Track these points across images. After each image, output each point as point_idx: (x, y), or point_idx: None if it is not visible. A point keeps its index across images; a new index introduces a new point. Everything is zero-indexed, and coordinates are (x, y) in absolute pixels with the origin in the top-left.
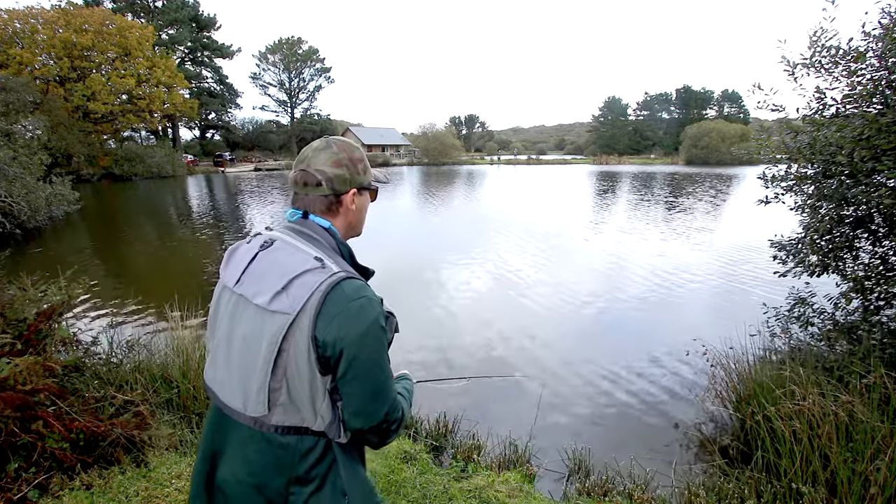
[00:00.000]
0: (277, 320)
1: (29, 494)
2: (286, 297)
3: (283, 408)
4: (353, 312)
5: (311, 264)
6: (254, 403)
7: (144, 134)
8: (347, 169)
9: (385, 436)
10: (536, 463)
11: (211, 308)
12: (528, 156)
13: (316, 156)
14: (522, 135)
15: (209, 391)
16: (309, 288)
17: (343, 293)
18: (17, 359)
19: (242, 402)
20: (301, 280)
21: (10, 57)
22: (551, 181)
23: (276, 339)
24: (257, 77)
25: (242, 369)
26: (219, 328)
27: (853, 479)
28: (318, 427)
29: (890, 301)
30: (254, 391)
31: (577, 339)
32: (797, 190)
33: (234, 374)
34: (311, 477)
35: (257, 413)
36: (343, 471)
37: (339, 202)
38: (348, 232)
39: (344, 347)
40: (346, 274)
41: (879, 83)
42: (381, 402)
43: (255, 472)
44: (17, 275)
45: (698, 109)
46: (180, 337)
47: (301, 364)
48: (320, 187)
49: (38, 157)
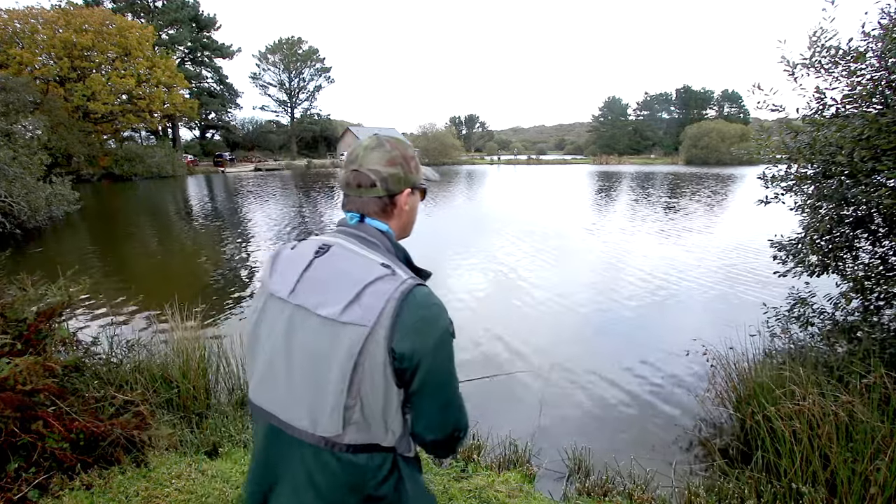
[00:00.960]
0: (352, 332)
1: (29, 494)
2: (359, 308)
3: (356, 426)
4: (429, 321)
5: (381, 271)
6: (326, 423)
7: (144, 134)
8: (402, 167)
9: (455, 445)
10: (536, 463)
11: (252, 318)
12: (527, 156)
13: (368, 155)
14: (522, 135)
15: (259, 412)
16: (383, 297)
17: (416, 301)
18: (17, 359)
19: (310, 421)
20: (373, 289)
21: (10, 57)
22: (551, 181)
23: (353, 352)
24: (257, 77)
25: (310, 386)
26: (269, 341)
27: (853, 479)
28: (389, 443)
29: (890, 301)
30: (327, 410)
31: (576, 338)
32: (797, 190)
33: (299, 392)
34: (380, 495)
35: (329, 433)
36: (409, 484)
37: (394, 203)
38: (401, 234)
39: (421, 358)
40: (416, 281)
41: (879, 83)
42: (452, 412)
43: (324, 495)
44: (17, 275)
45: (698, 109)
46: (180, 337)
47: (377, 378)
48: (374, 188)
49: (38, 157)
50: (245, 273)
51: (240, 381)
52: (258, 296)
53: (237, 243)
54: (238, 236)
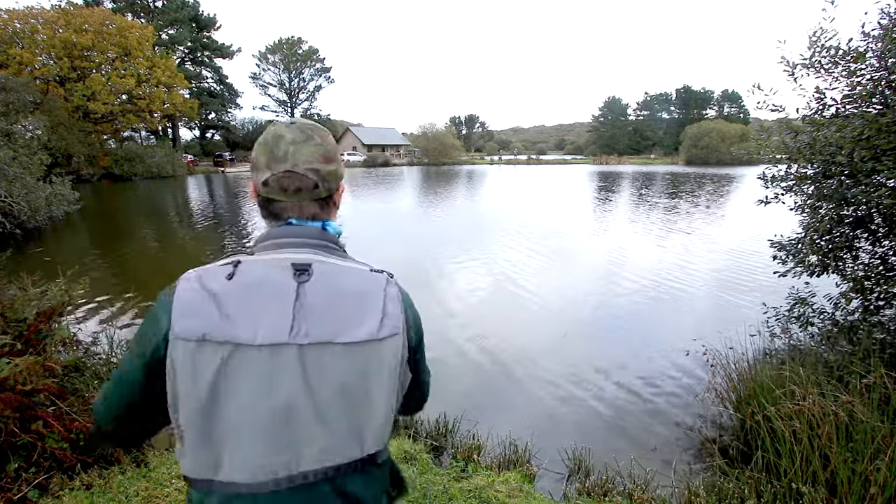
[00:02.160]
0: (391, 344)
1: (29, 494)
2: (388, 319)
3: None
4: (414, 307)
5: (379, 277)
6: (375, 439)
7: (144, 134)
8: (336, 163)
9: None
10: (536, 463)
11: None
12: (528, 156)
13: (299, 151)
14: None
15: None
16: (397, 301)
17: (405, 293)
18: (17, 359)
19: (359, 446)
20: (388, 296)
21: (10, 57)
22: (552, 181)
23: (396, 364)
24: (257, 77)
25: (349, 417)
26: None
27: (853, 479)
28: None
29: (890, 301)
30: (375, 427)
31: (577, 338)
32: (797, 190)
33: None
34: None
35: (378, 447)
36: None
37: (332, 200)
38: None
39: (420, 340)
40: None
41: (879, 83)
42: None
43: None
44: (17, 275)
45: (698, 109)
46: None
47: (406, 375)
48: (317, 189)
49: (38, 157)
50: None
51: None
52: (197, 349)
53: (237, 243)
54: (238, 236)
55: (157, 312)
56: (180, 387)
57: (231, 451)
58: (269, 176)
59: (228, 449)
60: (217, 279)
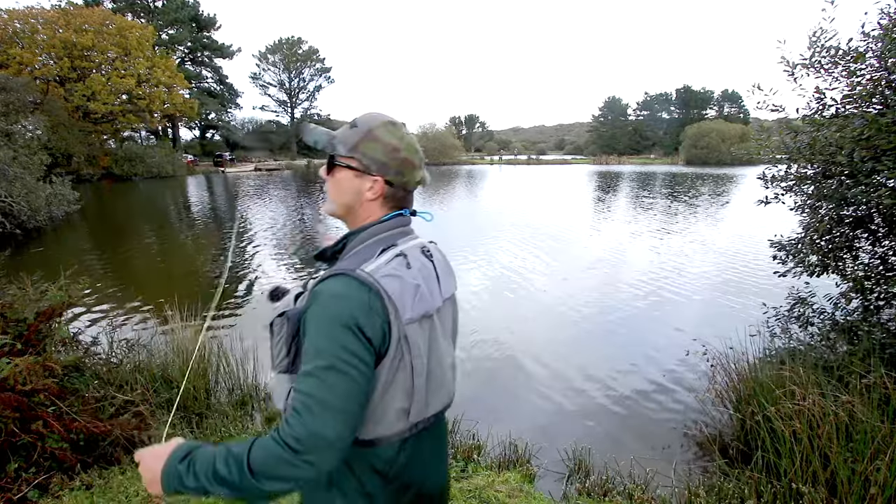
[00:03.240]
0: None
1: (29, 494)
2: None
3: None
4: None
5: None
6: (451, 388)
7: (144, 134)
8: None
9: None
10: (536, 463)
11: (418, 347)
12: (527, 156)
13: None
14: (522, 135)
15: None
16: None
17: None
18: (17, 359)
19: (449, 397)
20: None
21: (10, 57)
22: (552, 181)
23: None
24: (257, 77)
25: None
26: (437, 353)
27: (853, 479)
28: None
29: (890, 301)
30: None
31: (577, 338)
32: (797, 190)
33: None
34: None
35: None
36: None
37: None
38: None
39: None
40: None
41: (879, 83)
42: None
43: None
44: (17, 275)
45: (698, 109)
46: (180, 337)
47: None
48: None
49: (38, 157)
50: (245, 273)
51: (240, 381)
52: (412, 326)
53: (237, 244)
54: (238, 235)
55: (360, 309)
56: (416, 361)
57: (433, 396)
58: (422, 173)
59: (432, 395)
60: (403, 271)
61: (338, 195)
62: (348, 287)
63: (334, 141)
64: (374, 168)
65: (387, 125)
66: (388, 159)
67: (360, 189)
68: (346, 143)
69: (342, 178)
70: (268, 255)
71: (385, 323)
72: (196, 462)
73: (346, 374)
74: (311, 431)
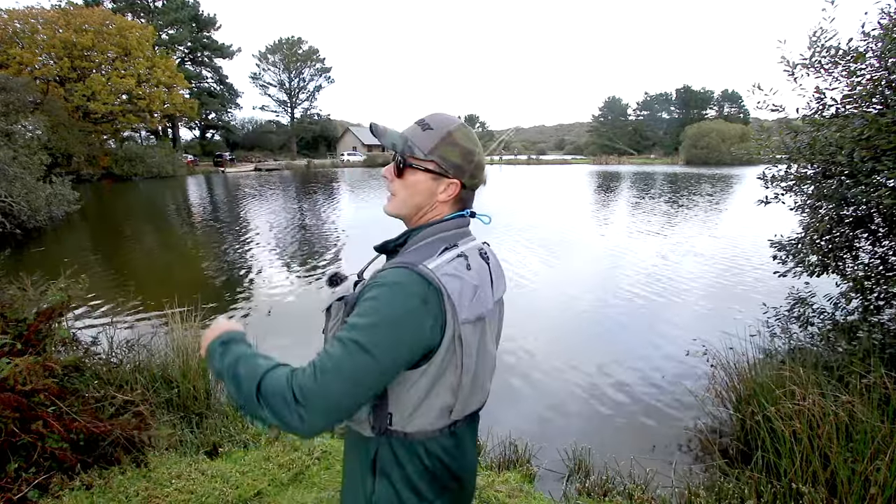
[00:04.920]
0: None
1: (29, 494)
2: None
3: None
4: None
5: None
6: (488, 389)
7: (144, 134)
8: None
9: None
10: (536, 463)
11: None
12: (528, 156)
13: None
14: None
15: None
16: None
17: None
18: (17, 359)
19: (485, 397)
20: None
21: (10, 57)
22: (552, 181)
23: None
24: (257, 77)
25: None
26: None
27: (853, 479)
28: None
29: (890, 301)
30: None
31: (577, 339)
32: (797, 190)
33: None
34: None
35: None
36: None
37: None
38: None
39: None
40: None
41: (879, 83)
42: None
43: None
44: (17, 275)
45: (698, 109)
46: (180, 337)
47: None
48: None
49: (38, 157)
50: (245, 272)
51: None
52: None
53: (237, 243)
54: (238, 236)
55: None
56: (466, 359)
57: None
58: (483, 174)
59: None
60: (464, 272)
61: (410, 196)
62: (409, 279)
63: (410, 143)
64: (452, 172)
65: (462, 128)
66: (464, 163)
67: (435, 191)
68: (422, 147)
69: (417, 181)
70: (267, 254)
71: (441, 320)
72: (229, 350)
73: (375, 358)
74: (317, 390)
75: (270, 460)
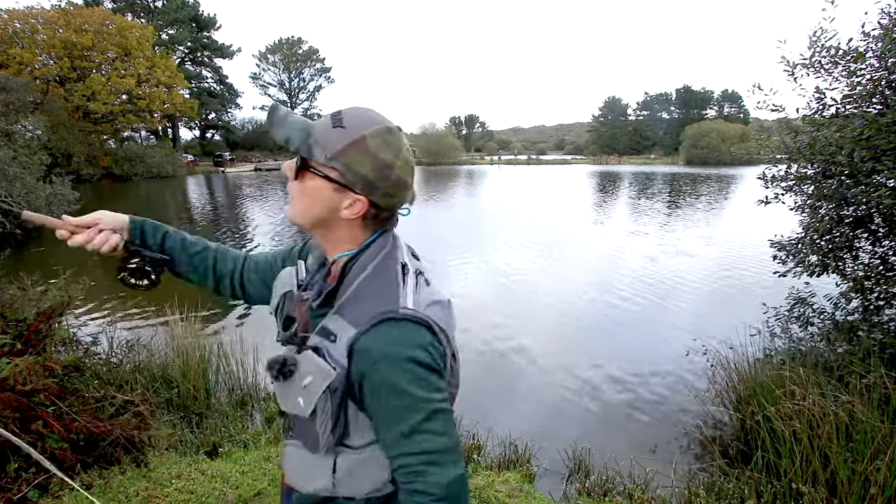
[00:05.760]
0: None
1: (29, 494)
2: None
3: None
4: None
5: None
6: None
7: (144, 134)
8: None
9: None
10: (536, 463)
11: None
12: (527, 156)
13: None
14: (522, 135)
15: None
16: None
17: None
18: (17, 359)
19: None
20: None
21: (10, 57)
22: (552, 181)
23: None
24: (257, 77)
25: None
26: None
27: (853, 479)
28: None
29: (890, 301)
30: None
31: (576, 338)
32: (797, 190)
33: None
34: None
35: None
36: None
37: None
38: None
39: None
40: None
41: (879, 83)
42: None
43: None
44: (17, 275)
45: (698, 109)
46: (180, 337)
47: None
48: None
49: (38, 157)
50: None
51: (240, 381)
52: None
53: (237, 243)
54: (238, 236)
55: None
56: (455, 375)
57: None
58: (414, 192)
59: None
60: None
61: (307, 206)
62: (408, 333)
63: (311, 141)
64: (359, 186)
65: (383, 133)
66: (376, 178)
67: (336, 205)
68: (326, 148)
69: (314, 188)
70: None
71: (445, 351)
72: None
73: (447, 410)
74: (452, 477)
75: (270, 460)
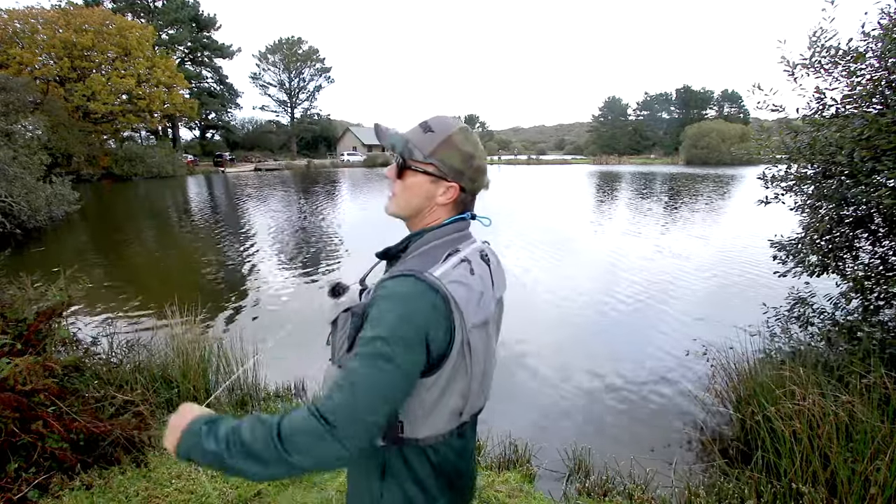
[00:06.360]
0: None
1: (29, 494)
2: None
3: None
4: None
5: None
6: (490, 387)
7: (144, 134)
8: None
9: None
10: (536, 463)
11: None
12: (527, 156)
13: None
14: (522, 135)
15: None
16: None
17: None
18: (17, 359)
19: (488, 395)
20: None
21: (10, 57)
22: (552, 181)
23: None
24: (257, 77)
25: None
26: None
27: (853, 479)
28: None
29: (890, 301)
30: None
31: (577, 339)
32: (797, 190)
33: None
34: None
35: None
36: None
37: None
38: None
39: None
40: None
41: (879, 83)
42: None
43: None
44: (17, 275)
45: (698, 109)
46: (180, 337)
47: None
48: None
49: (38, 157)
50: (245, 273)
51: (240, 381)
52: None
53: (237, 243)
54: (238, 236)
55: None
56: (475, 366)
57: (484, 391)
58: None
59: (483, 391)
60: (469, 277)
61: (409, 198)
62: (417, 288)
63: (410, 145)
64: (451, 175)
65: (463, 131)
66: (464, 167)
67: (433, 194)
68: (422, 149)
69: (416, 183)
70: (267, 254)
71: (449, 327)
72: (220, 426)
73: (398, 366)
74: (348, 406)
75: None
